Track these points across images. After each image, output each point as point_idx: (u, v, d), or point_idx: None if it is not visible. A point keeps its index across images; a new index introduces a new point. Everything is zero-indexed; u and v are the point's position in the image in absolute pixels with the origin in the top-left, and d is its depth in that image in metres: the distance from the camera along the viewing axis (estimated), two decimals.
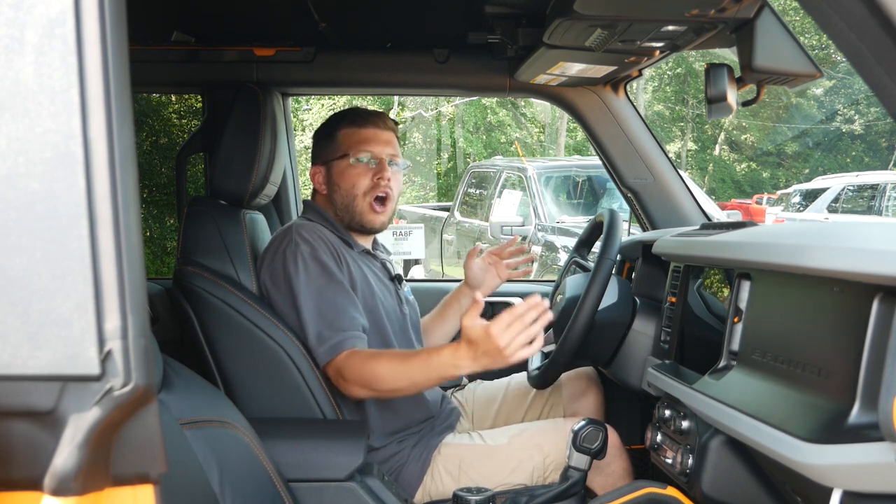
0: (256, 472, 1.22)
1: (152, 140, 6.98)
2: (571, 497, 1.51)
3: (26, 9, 0.59)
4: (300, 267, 1.64)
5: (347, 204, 1.77)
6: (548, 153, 17.95)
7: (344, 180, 1.77)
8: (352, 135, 1.79)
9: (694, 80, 21.41)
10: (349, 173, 1.77)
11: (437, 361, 1.50)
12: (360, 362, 1.58)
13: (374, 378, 1.56)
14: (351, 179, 1.76)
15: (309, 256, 1.65)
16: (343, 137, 1.79)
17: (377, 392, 1.59)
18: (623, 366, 1.71)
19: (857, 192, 10.26)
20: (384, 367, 1.56)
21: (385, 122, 1.82)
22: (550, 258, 5.58)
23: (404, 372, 1.54)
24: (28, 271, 0.59)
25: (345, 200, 1.77)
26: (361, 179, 1.76)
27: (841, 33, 0.84)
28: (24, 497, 0.61)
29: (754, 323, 1.16)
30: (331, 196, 1.80)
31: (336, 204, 1.79)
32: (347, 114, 1.83)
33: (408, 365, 1.54)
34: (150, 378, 0.61)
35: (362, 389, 1.59)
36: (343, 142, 1.79)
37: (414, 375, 1.53)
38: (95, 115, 0.59)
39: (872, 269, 0.85)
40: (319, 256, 1.65)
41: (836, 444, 0.88)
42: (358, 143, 1.78)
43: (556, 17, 1.44)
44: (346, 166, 1.77)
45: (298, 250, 1.65)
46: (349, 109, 1.85)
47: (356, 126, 1.79)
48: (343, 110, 1.86)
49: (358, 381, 1.57)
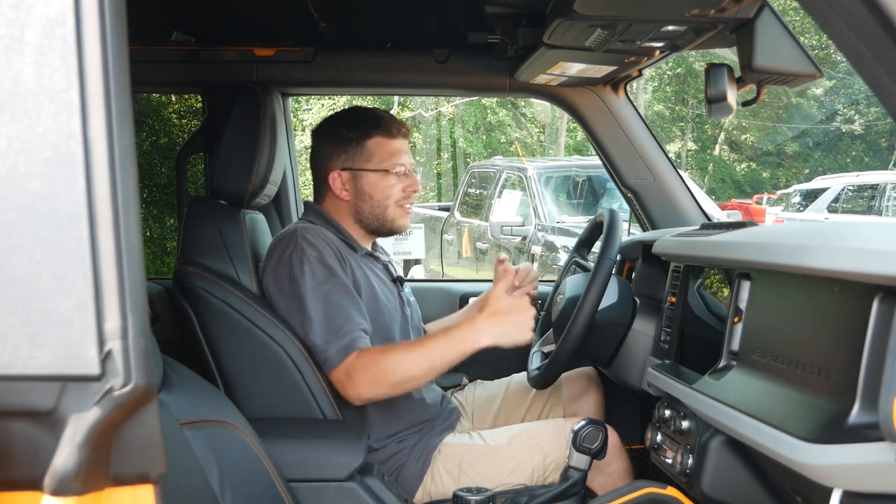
0: (256, 472, 1.22)
1: (152, 140, 6.98)
2: (571, 497, 1.51)
3: (26, 9, 0.59)
4: (307, 271, 1.63)
5: (379, 214, 1.78)
6: (548, 153, 17.96)
7: (378, 191, 1.76)
8: (384, 145, 1.77)
9: (694, 80, 21.42)
10: (383, 185, 1.76)
11: (455, 338, 1.56)
12: (371, 358, 1.57)
13: (388, 370, 1.55)
14: (386, 191, 1.77)
15: (315, 260, 1.64)
16: (375, 147, 1.76)
17: (391, 386, 1.57)
18: (623, 366, 1.71)
19: (857, 192, 10.26)
20: (397, 357, 1.57)
21: (408, 130, 1.84)
22: (550, 258, 5.58)
23: (421, 356, 1.57)
24: (28, 271, 0.59)
25: (376, 210, 1.77)
26: (394, 189, 1.77)
27: (841, 33, 0.84)
28: (24, 497, 0.61)
29: (754, 323, 1.16)
30: (356, 203, 1.78)
31: (363, 212, 1.78)
32: (375, 120, 1.78)
33: (423, 348, 1.58)
34: (150, 378, 0.61)
35: (375, 387, 1.56)
36: (375, 152, 1.76)
37: (432, 356, 1.57)
38: (95, 115, 0.59)
39: (872, 269, 0.85)
40: (325, 260, 1.65)
41: (836, 444, 0.88)
42: (392, 156, 1.77)
43: (556, 17, 1.44)
44: (379, 178, 1.76)
45: (304, 255, 1.64)
46: (373, 113, 1.81)
47: (388, 136, 1.77)
48: (364, 112, 1.81)
49: (370, 378, 1.55)
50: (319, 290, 1.62)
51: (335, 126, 1.81)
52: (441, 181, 17.23)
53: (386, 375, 1.56)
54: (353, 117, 1.81)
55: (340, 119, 1.82)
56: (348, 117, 1.82)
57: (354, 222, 1.80)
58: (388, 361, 1.56)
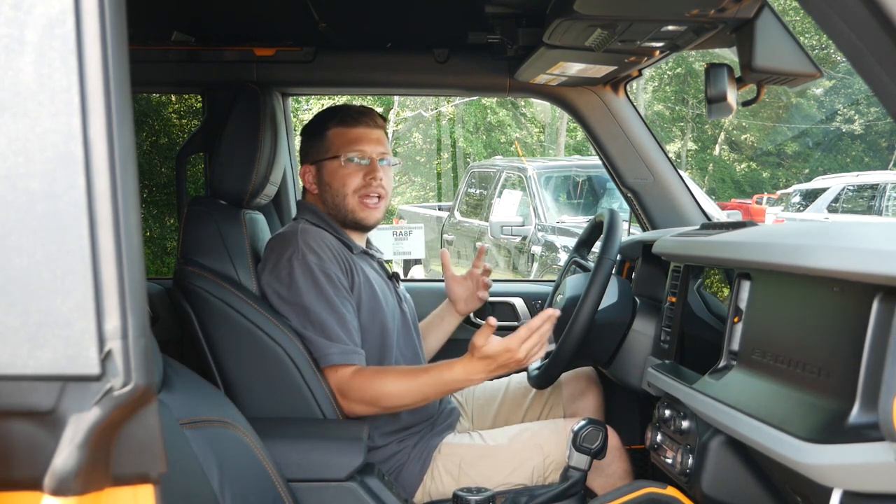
0: (256, 472, 1.22)
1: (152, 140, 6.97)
2: (571, 497, 1.51)
3: (26, 9, 0.59)
4: (309, 279, 1.63)
5: (338, 203, 1.77)
6: (548, 153, 17.95)
7: (335, 180, 1.77)
8: (342, 134, 1.78)
9: (694, 80, 21.40)
10: (340, 173, 1.76)
11: (449, 377, 1.58)
12: (366, 381, 1.60)
13: (381, 396, 1.59)
14: (342, 179, 1.76)
15: (317, 268, 1.64)
16: (333, 137, 1.78)
17: (381, 409, 1.63)
18: (623, 366, 1.71)
19: (857, 192, 10.26)
20: (392, 385, 1.60)
21: (374, 121, 1.82)
22: (550, 258, 5.58)
23: (414, 388, 1.59)
24: (28, 271, 0.59)
25: (335, 199, 1.77)
26: (352, 179, 1.76)
27: (841, 33, 0.84)
28: (24, 497, 0.61)
29: (754, 323, 1.16)
30: (321, 195, 1.80)
31: (327, 203, 1.79)
32: (336, 112, 1.81)
33: (417, 381, 1.60)
34: (150, 378, 0.61)
35: (366, 407, 1.62)
36: (333, 142, 1.78)
37: (425, 391, 1.60)
38: (95, 115, 0.59)
39: (872, 269, 0.85)
40: (327, 268, 1.65)
41: (836, 444, 0.88)
42: (348, 144, 1.77)
43: (556, 17, 1.44)
44: (336, 167, 1.76)
45: (307, 261, 1.64)
46: (337, 107, 1.83)
47: (346, 125, 1.78)
48: (331, 108, 1.84)
49: (363, 399, 1.60)
50: (322, 297, 1.63)
51: (308, 124, 1.86)
52: (441, 181, 17.22)
53: (379, 400, 1.60)
54: (320, 113, 1.85)
55: (314, 117, 1.86)
56: (318, 114, 1.86)
57: (330, 216, 1.81)
58: (383, 388, 1.59)
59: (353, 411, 1.63)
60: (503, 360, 1.54)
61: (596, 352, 1.73)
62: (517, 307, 2.41)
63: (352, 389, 1.60)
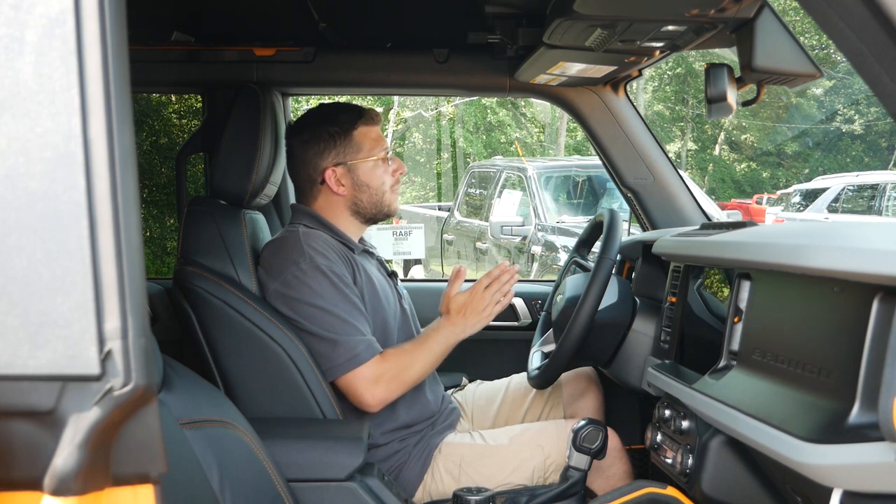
0: (256, 472, 1.22)
1: (152, 140, 6.97)
2: (571, 497, 1.51)
3: (26, 9, 0.59)
4: (325, 281, 1.64)
5: (376, 200, 1.81)
6: (548, 153, 17.95)
7: (374, 179, 1.79)
8: (369, 133, 1.80)
9: (694, 80, 21.41)
10: (376, 173, 1.80)
11: (444, 334, 1.73)
12: (393, 360, 1.67)
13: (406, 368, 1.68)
14: (380, 177, 1.80)
15: (328, 269, 1.65)
16: (361, 137, 1.79)
17: (407, 385, 1.69)
18: (623, 366, 1.71)
19: (857, 192, 10.26)
20: (412, 356, 1.69)
21: (381, 117, 1.89)
22: (550, 258, 5.58)
23: (424, 353, 1.71)
24: (28, 271, 0.59)
25: (374, 198, 1.81)
26: (387, 176, 1.82)
27: (841, 33, 0.84)
28: (24, 497, 0.61)
29: (754, 323, 1.16)
30: (354, 196, 1.79)
31: (361, 202, 1.80)
32: (356, 111, 1.81)
33: (425, 346, 1.72)
34: (150, 378, 0.61)
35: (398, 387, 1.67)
36: (363, 142, 1.79)
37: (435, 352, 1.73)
38: (95, 115, 0.59)
39: (872, 269, 0.85)
40: (335, 268, 1.67)
41: (836, 444, 0.88)
42: (376, 142, 1.81)
43: (556, 17, 1.44)
44: (372, 166, 1.79)
45: (316, 263, 1.65)
46: (353, 106, 1.82)
47: (371, 124, 1.81)
48: (346, 105, 1.82)
49: (396, 377, 1.65)
50: (336, 296, 1.64)
51: (316, 124, 1.79)
52: (441, 181, 17.22)
53: (405, 374, 1.67)
54: (333, 112, 1.80)
55: (318, 117, 1.80)
56: (327, 114, 1.80)
57: (350, 215, 1.81)
58: (405, 360, 1.68)
59: (387, 397, 1.66)
60: (473, 306, 1.73)
61: (596, 352, 1.73)
62: (517, 307, 2.41)
63: (386, 372, 1.64)
